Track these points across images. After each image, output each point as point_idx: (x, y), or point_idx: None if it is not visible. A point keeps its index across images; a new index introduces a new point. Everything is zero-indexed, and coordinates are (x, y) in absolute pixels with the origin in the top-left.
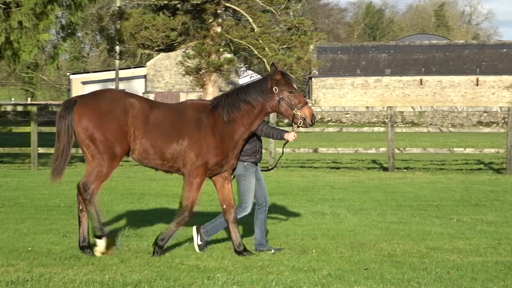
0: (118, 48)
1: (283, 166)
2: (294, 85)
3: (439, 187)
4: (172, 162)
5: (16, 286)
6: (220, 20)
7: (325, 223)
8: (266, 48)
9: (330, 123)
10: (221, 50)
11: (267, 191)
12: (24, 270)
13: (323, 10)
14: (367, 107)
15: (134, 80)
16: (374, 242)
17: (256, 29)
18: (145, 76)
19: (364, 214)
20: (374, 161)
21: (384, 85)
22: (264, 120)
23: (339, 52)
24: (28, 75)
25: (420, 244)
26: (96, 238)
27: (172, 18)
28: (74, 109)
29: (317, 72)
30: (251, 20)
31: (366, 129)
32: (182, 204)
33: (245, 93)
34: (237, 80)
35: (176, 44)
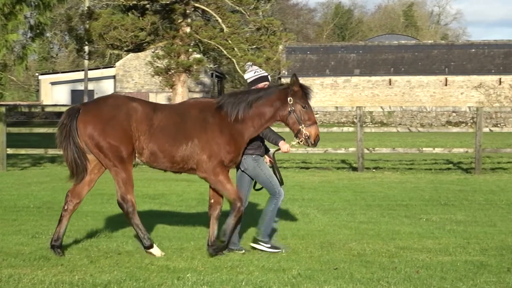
0: (87, 48)
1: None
2: (309, 101)
3: (408, 187)
4: (183, 164)
5: None
6: (189, 20)
7: (294, 223)
8: (236, 49)
9: None
10: (190, 50)
11: (249, 193)
12: None
13: (292, 10)
14: (336, 107)
15: (103, 81)
16: (344, 241)
17: (226, 29)
18: (114, 77)
19: (334, 214)
20: (343, 161)
21: (353, 85)
22: None
23: (308, 52)
24: None
25: (389, 243)
26: (146, 249)
27: (141, 18)
28: (77, 117)
29: (286, 73)
30: (220, 20)
31: (335, 129)
32: (230, 201)
33: (260, 96)
34: (206, 80)
35: (145, 45)
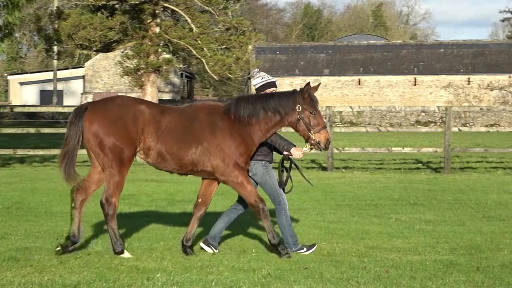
0: (56, 49)
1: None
2: (317, 107)
3: (378, 187)
4: (192, 167)
5: None
6: (158, 20)
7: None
8: (205, 49)
9: None
10: (159, 50)
11: None
12: None
13: (261, 10)
14: None
15: (72, 81)
16: (314, 241)
17: (195, 29)
18: (83, 77)
19: (304, 214)
20: (313, 160)
21: (322, 85)
22: None
23: (277, 52)
24: None
25: (359, 243)
26: (117, 254)
27: (110, 18)
28: (84, 115)
29: None
30: (189, 20)
31: None
32: (251, 203)
33: (268, 101)
34: (175, 80)
35: (114, 45)
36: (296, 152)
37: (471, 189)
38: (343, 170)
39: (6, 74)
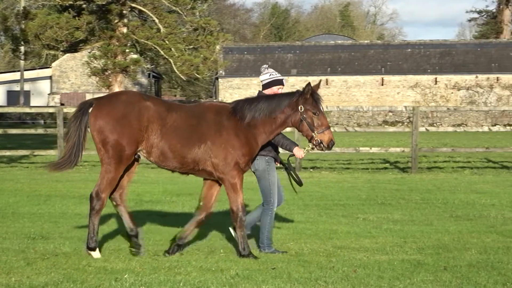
0: (23, 49)
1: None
2: (320, 107)
3: (346, 186)
4: (193, 165)
5: None
6: (126, 20)
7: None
8: (173, 49)
9: None
10: (127, 50)
11: (282, 189)
12: None
13: (229, 10)
14: None
15: (39, 81)
16: (282, 241)
17: (162, 29)
18: (50, 77)
19: None
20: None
21: (290, 85)
22: None
23: (245, 52)
24: None
25: (327, 243)
26: (88, 249)
27: (77, 18)
28: (90, 111)
29: (223, 73)
30: (157, 20)
31: None
32: (233, 209)
33: (272, 103)
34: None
35: (81, 45)
36: (300, 152)
37: (438, 188)
38: (311, 170)
39: None
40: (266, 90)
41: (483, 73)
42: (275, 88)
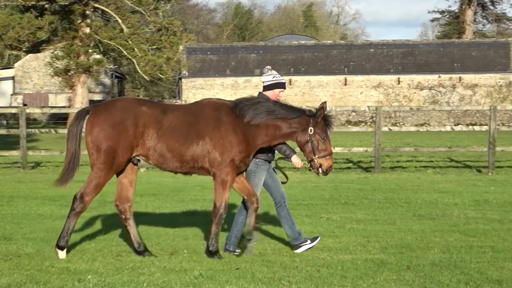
0: None
1: (154, 167)
2: (330, 133)
3: (309, 186)
4: (193, 163)
5: None
6: (88, 21)
7: (196, 224)
8: (136, 49)
9: None
10: (90, 51)
11: (282, 188)
12: None
13: (192, 10)
14: None
15: (1, 82)
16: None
17: (125, 30)
18: (13, 78)
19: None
20: None
21: (253, 85)
22: None
23: (208, 52)
24: None
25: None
26: (56, 247)
27: (39, 18)
28: (86, 119)
29: (187, 73)
30: (120, 21)
31: None
32: (216, 204)
33: (278, 109)
34: (106, 81)
35: (44, 45)
36: (298, 162)
37: (401, 188)
38: (274, 170)
39: None
40: (267, 92)
41: (445, 73)
42: (276, 91)
